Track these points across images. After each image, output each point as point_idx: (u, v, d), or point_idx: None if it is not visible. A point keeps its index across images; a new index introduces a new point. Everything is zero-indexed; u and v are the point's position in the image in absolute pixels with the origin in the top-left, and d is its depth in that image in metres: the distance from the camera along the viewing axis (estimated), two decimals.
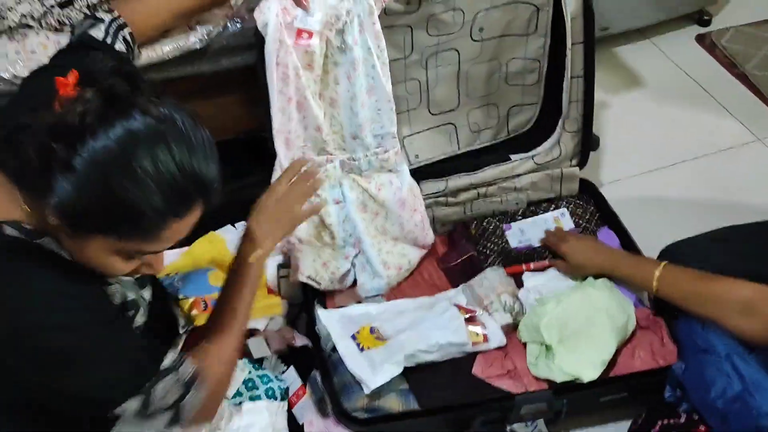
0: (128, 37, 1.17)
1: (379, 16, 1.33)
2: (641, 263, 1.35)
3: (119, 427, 0.88)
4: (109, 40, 1.13)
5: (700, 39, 2.41)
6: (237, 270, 1.08)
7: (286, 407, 1.23)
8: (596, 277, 1.41)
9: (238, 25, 1.39)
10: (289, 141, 1.40)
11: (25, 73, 1.28)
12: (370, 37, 1.32)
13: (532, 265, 1.50)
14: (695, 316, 1.21)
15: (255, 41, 1.33)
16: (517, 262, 1.51)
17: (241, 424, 1.16)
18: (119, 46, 1.15)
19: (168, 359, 0.91)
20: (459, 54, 1.50)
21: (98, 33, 1.12)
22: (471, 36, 1.48)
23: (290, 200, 1.15)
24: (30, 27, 1.38)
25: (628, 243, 1.51)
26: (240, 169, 1.84)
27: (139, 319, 1.05)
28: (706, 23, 2.45)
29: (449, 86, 1.54)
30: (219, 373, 0.99)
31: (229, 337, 1.03)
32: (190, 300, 1.35)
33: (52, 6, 1.39)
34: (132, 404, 0.86)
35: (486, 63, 1.53)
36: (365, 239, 1.48)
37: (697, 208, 1.84)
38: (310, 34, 1.30)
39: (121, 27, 1.16)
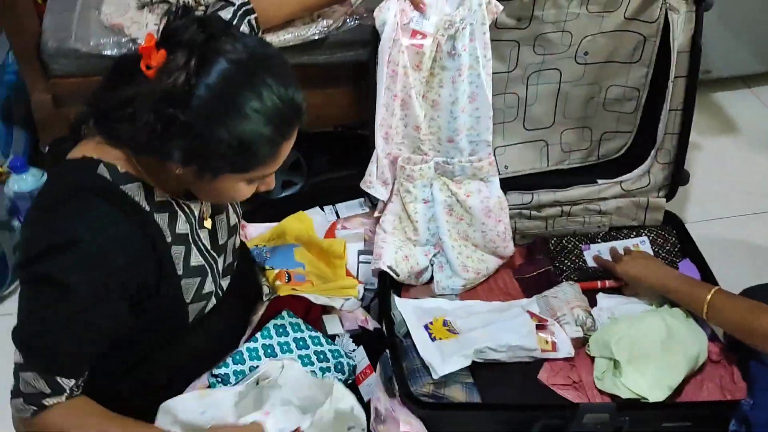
0: (254, 23, 1.27)
1: (490, 28, 1.40)
2: (695, 286, 1.36)
3: None
4: (234, 22, 1.23)
5: None
6: None
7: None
8: (672, 305, 1.42)
9: (356, 22, 1.49)
10: (388, 136, 1.48)
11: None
12: (479, 46, 1.39)
13: (607, 283, 1.52)
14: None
15: (371, 38, 1.42)
16: (593, 278, 1.53)
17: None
18: (244, 28, 1.25)
19: (66, 383, 0.97)
20: (561, 74, 1.55)
21: (226, 15, 1.21)
22: (575, 58, 1.53)
23: None
24: (169, 2, 1.52)
25: (708, 278, 1.51)
26: (334, 160, 1.94)
27: (208, 285, 1.12)
28: None
29: (547, 104, 1.59)
30: None
31: None
32: (276, 271, 1.43)
33: None
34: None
35: (586, 86, 1.58)
36: (447, 241, 1.54)
37: None
38: (424, 36, 1.38)
39: (248, 12, 1.25)
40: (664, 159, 1.59)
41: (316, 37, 1.47)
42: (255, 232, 1.60)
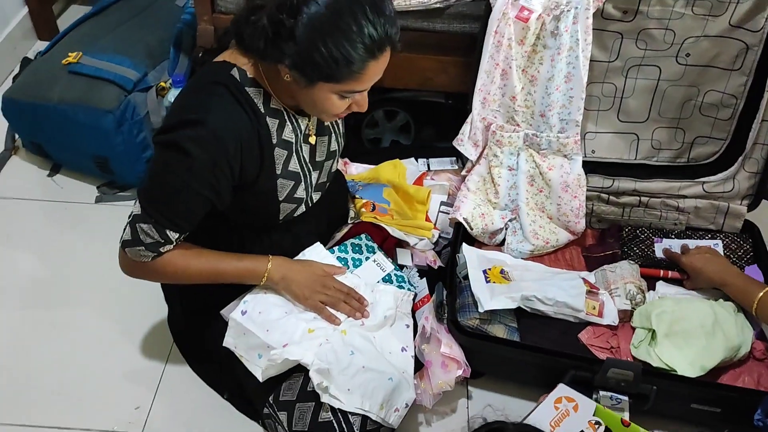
0: None
1: (594, 17, 1.52)
2: (750, 282, 1.42)
3: None
4: None
5: None
6: (251, 267, 1.32)
7: (411, 297, 1.45)
8: (726, 300, 1.47)
9: None
10: (486, 101, 1.64)
11: None
12: (581, 29, 1.52)
13: (669, 273, 1.58)
14: None
15: (483, 12, 1.59)
16: (657, 267, 1.60)
17: (370, 298, 1.40)
18: None
19: (173, 236, 1.22)
20: (660, 71, 1.62)
21: None
22: (676, 58, 1.60)
23: (330, 294, 1.36)
24: None
25: None
26: (441, 132, 2.11)
27: (300, 191, 1.33)
28: None
29: (643, 99, 1.67)
30: (168, 271, 1.27)
31: (202, 268, 1.28)
32: (363, 201, 1.62)
33: None
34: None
35: (684, 87, 1.64)
36: (523, 208, 1.66)
37: None
38: (531, 12, 1.53)
39: None
40: (751, 168, 1.63)
41: (439, 5, 1.65)
42: (355, 171, 1.81)
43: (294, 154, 1.30)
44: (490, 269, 1.52)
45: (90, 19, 2.13)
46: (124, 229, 1.23)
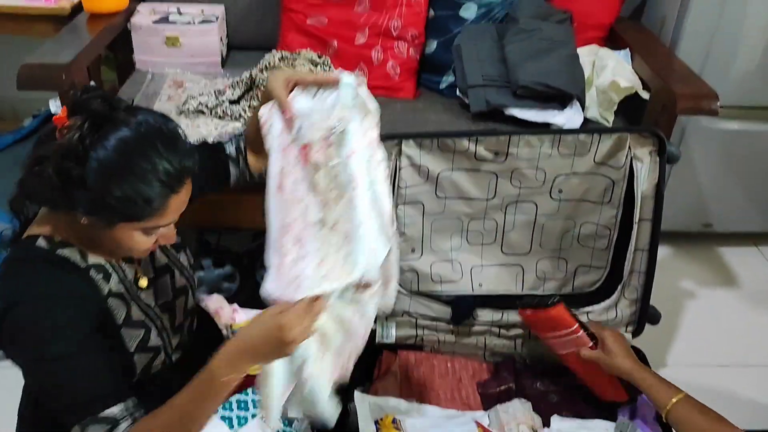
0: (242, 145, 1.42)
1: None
2: (665, 384, 1.38)
3: None
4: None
5: None
6: (205, 380, 1.07)
7: None
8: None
9: None
10: None
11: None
12: (364, 149, 1.15)
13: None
14: None
15: None
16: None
17: None
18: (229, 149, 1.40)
19: (116, 408, 1.06)
20: (537, 207, 1.69)
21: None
22: (550, 194, 1.67)
23: (293, 332, 1.04)
24: (203, 113, 1.79)
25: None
26: None
27: (153, 339, 1.23)
28: None
29: (524, 233, 1.72)
30: None
31: (164, 418, 1.08)
32: None
33: (223, 101, 1.79)
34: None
35: (561, 220, 1.71)
36: None
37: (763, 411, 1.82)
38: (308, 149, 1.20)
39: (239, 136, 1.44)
40: (631, 295, 1.68)
41: None
42: (245, 317, 1.75)
43: (132, 301, 1.23)
44: (382, 419, 1.48)
45: None
46: None
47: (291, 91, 1.21)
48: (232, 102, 1.79)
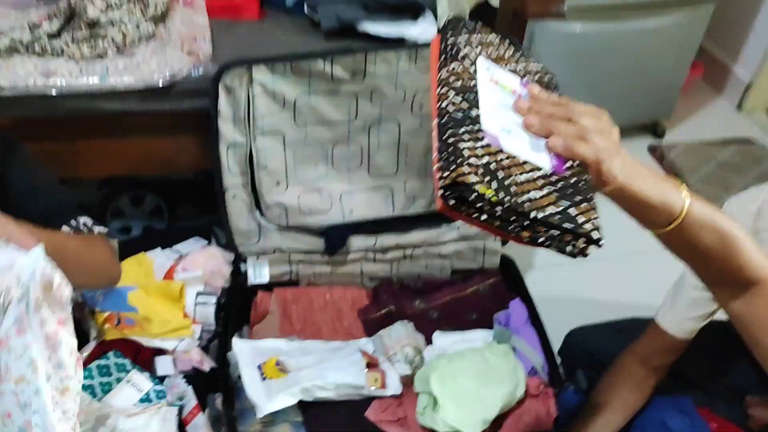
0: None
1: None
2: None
3: None
4: None
5: (652, 149, 2.58)
6: None
7: (175, 415, 1.30)
8: (499, 341, 1.50)
9: (201, 72, 1.55)
10: None
11: (5, 83, 1.43)
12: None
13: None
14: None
15: (211, 87, 1.48)
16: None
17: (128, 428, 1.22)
18: None
19: None
20: (400, 126, 1.64)
21: None
22: (411, 111, 1.63)
23: None
24: (17, 51, 1.55)
25: (535, 317, 1.61)
26: (196, 206, 1.98)
27: None
28: (660, 135, 2.63)
29: (390, 153, 1.67)
30: None
31: None
32: (105, 314, 1.44)
33: (40, 36, 1.56)
34: None
35: (425, 137, 1.67)
36: None
37: (615, 303, 1.94)
38: None
39: None
40: None
41: (161, 85, 1.52)
42: None
43: None
44: (264, 363, 1.42)
45: None
46: None
47: None
48: (51, 36, 1.56)
